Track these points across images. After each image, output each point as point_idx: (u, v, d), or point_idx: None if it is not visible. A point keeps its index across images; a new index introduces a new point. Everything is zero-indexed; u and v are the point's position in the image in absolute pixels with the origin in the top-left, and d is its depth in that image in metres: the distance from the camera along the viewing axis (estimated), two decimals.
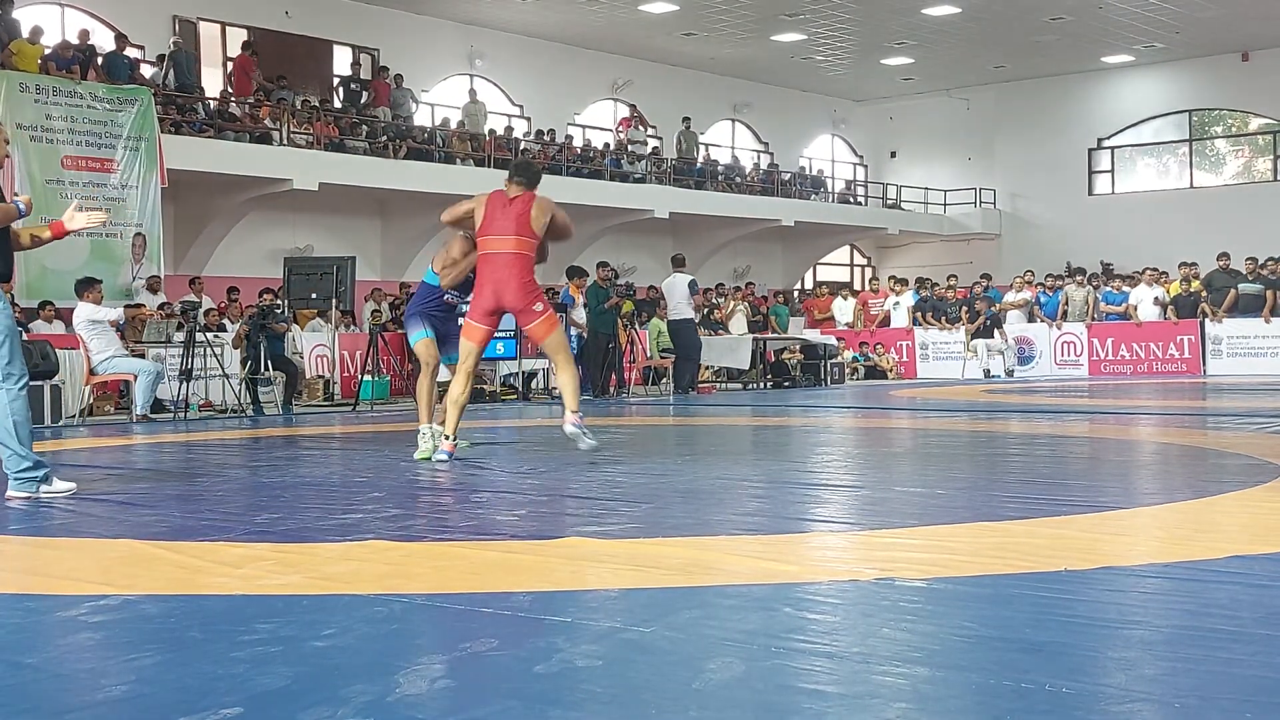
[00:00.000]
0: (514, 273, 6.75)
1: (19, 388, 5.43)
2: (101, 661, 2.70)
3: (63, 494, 5.47)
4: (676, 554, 3.82)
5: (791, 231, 27.54)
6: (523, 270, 6.78)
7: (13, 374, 5.41)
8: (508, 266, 6.75)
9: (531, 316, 6.83)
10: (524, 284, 6.77)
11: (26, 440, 5.44)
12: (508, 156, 21.73)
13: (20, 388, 5.44)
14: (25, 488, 5.41)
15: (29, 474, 5.42)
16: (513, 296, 6.76)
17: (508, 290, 6.75)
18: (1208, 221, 26.15)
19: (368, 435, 9.63)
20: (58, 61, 15.50)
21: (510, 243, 6.76)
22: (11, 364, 5.43)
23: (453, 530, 4.49)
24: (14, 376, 5.42)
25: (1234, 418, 9.67)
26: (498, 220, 6.79)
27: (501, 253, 6.76)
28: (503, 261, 6.76)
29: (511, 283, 6.74)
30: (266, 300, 13.34)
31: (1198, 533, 4.21)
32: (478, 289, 6.90)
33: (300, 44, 21.11)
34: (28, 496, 5.39)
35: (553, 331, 6.92)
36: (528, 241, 6.79)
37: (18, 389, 5.42)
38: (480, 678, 2.50)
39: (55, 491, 5.46)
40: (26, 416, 5.48)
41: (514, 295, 6.76)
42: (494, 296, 6.79)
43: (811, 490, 5.61)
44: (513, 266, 6.75)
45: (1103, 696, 2.31)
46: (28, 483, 5.42)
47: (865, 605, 3.11)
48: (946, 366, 20.46)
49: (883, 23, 24.23)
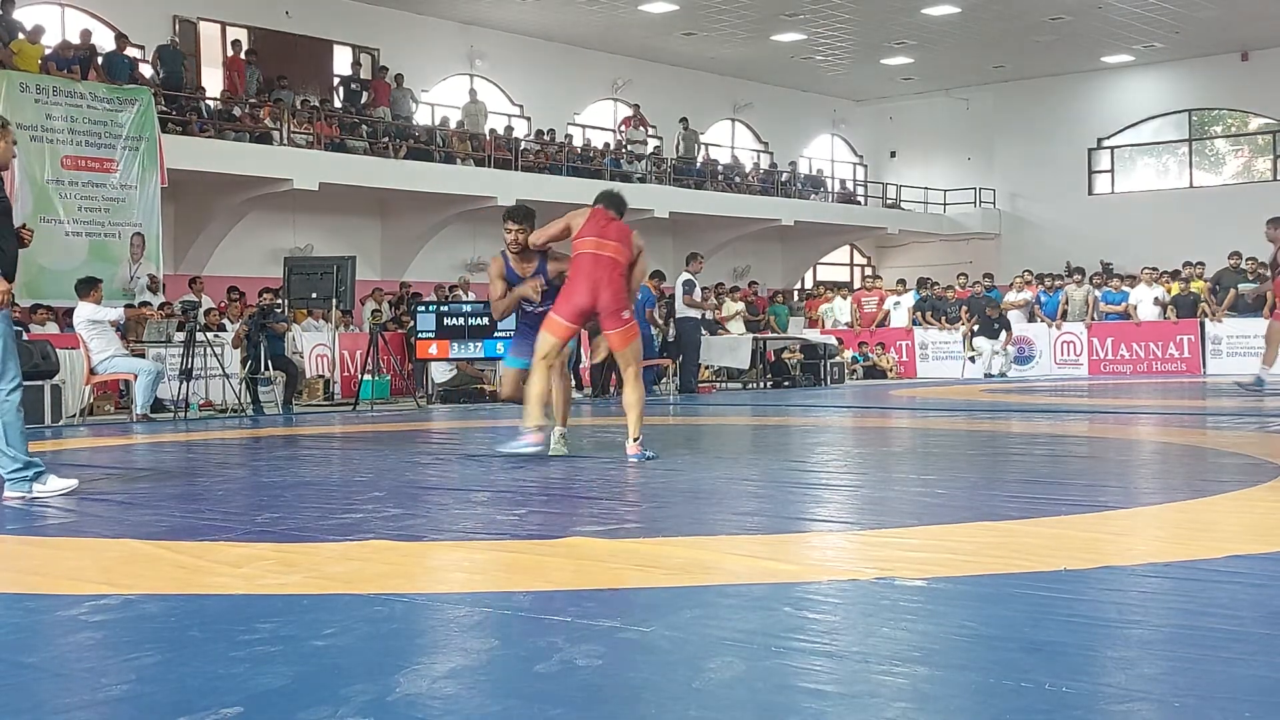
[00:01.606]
0: (614, 275, 6.81)
1: (8, 390, 5.43)
2: (102, 661, 2.71)
3: (59, 492, 5.47)
4: (676, 554, 3.82)
5: (791, 231, 27.55)
6: (621, 275, 6.85)
7: (4, 376, 5.43)
8: (609, 268, 6.81)
9: (618, 322, 6.85)
10: (620, 289, 6.83)
11: (15, 442, 5.46)
12: (508, 156, 21.77)
13: (10, 391, 5.45)
14: (18, 488, 5.45)
15: (19, 475, 5.46)
16: (608, 297, 6.78)
17: (605, 290, 6.77)
18: (1208, 221, 26.13)
19: (368, 435, 9.63)
20: (58, 61, 15.50)
21: (613, 248, 6.84)
22: (5, 367, 5.44)
23: (453, 530, 4.49)
24: (5, 378, 5.43)
25: (1234, 417, 9.67)
26: (601, 230, 6.87)
27: (603, 255, 6.81)
28: (605, 262, 6.80)
29: (610, 285, 6.78)
30: (267, 300, 13.34)
31: (1197, 533, 4.21)
32: (571, 286, 6.87)
33: (300, 44, 21.11)
34: (21, 496, 5.41)
35: (630, 342, 6.92)
36: (627, 254, 6.88)
37: (6, 393, 5.43)
38: (480, 677, 2.50)
39: (50, 490, 5.45)
40: (17, 418, 5.49)
41: (609, 296, 6.78)
42: (589, 294, 6.78)
43: (811, 490, 5.61)
44: (614, 269, 6.82)
45: (1102, 696, 2.32)
46: (19, 483, 5.45)
47: (865, 605, 3.11)
48: (946, 366, 20.46)
49: (883, 23, 24.23)
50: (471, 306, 14.57)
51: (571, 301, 6.84)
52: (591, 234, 6.87)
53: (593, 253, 6.83)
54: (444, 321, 14.18)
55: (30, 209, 14.20)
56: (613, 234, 6.89)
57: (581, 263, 6.86)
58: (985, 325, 19.94)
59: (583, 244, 6.88)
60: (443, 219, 21.39)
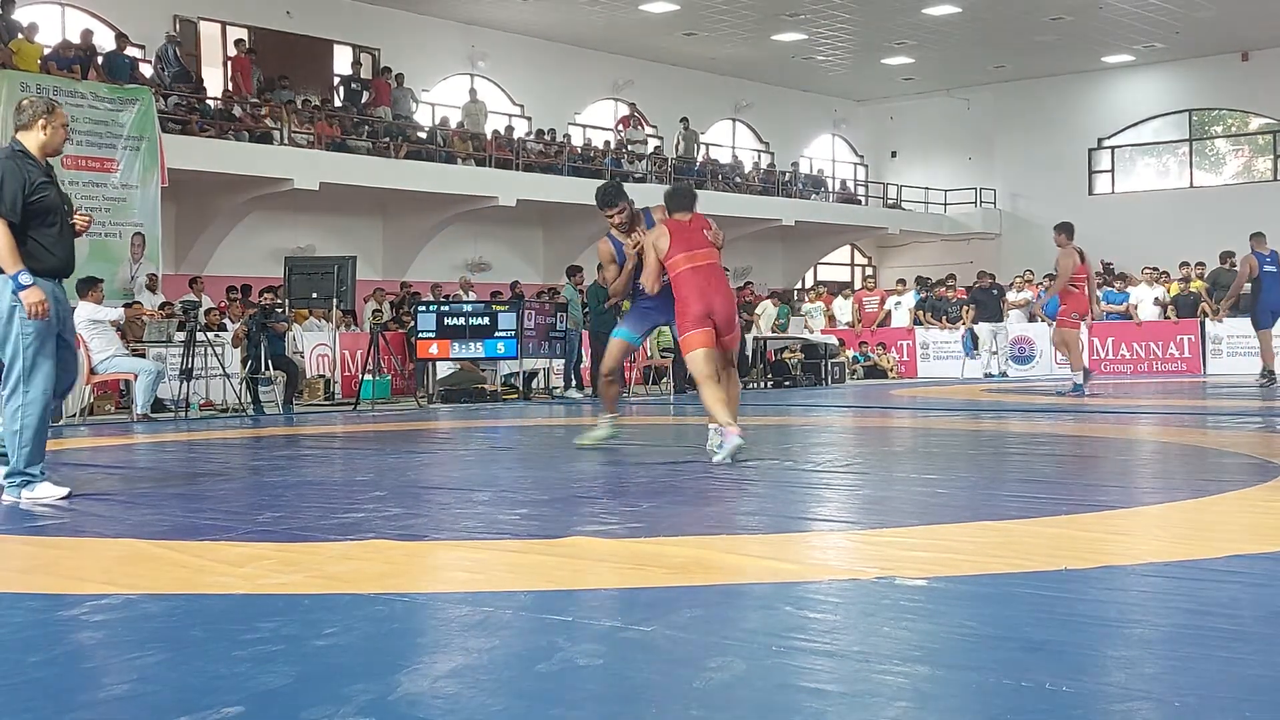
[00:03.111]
0: (724, 281, 6.84)
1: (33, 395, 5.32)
2: (103, 660, 2.71)
3: (47, 499, 5.29)
4: (677, 553, 3.82)
5: (792, 231, 27.56)
6: (724, 278, 6.86)
7: (33, 381, 5.32)
8: (718, 275, 6.79)
9: (734, 329, 6.86)
10: (730, 294, 6.87)
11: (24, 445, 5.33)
12: (508, 156, 21.77)
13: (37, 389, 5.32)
14: (10, 492, 5.37)
15: (10, 478, 5.36)
16: (724, 302, 6.76)
17: (719, 296, 6.74)
18: (1208, 221, 26.12)
19: (369, 435, 9.63)
20: (58, 61, 15.50)
21: (703, 254, 6.78)
22: (35, 371, 5.31)
23: (454, 529, 4.50)
24: (35, 385, 5.32)
25: (1234, 418, 9.67)
26: (689, 239, 6.79)
27: (709, 263, 6.76)
28: (713, 271, 6.76)
29: (721, 292, 6.77)
30: (267, 300, 13.34)
31: (1198, 532, 4.21)
32: (685, 302, 6.75)
33: (301, 44, 21.11)
34: (12, 500, 5.32)
35: (737, 344, 7.04)
36: (715, 252, 6.84)
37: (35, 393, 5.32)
38: (481, 677, 2.51)
39: (36, 497, 5.30)
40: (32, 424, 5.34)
41: (721, 302, 6.75)
42: (703, 303, 6.70)
43: (812, 489, 5.61)
44: (722, 276, 6.83)
45: (1103, 695, 2.32)
46: (10, 489, 5.37)
47: (866, 604, 3.12)
48: (947, 366, 20.46)
49: (883, 23, 24.23)
50: (472, 306, 14.59)
51: (691, 314, 6.73)
52: (680, 250, 6.77)
53: (697, 265, 6.75)
54: (445, 321, 14.19)
55: None
56: (698, 240, 6.80)
57: (688, 278, 6.74)
58: (986, 305, 19.87)
59: (676, 263, 6.77)
60: (443, 219, 21.40)
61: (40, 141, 5.40)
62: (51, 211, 5.36)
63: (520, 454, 7.93)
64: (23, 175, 5.26)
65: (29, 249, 5.28)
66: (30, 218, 5.27)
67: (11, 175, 5.23)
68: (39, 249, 5.31)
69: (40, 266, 5.30)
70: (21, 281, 5.21)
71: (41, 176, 5.35)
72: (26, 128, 5.40)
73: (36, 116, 5.40)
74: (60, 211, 5.42)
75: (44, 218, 5.33)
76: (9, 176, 5.22)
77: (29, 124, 5.40)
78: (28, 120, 5.40)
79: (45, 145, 5.43)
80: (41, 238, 5.32)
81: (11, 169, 5.25)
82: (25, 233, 5.27)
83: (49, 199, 5.35)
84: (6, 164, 5.28)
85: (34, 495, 5.32)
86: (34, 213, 5.28)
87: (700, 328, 6.72)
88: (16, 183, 5.23)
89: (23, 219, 5.24)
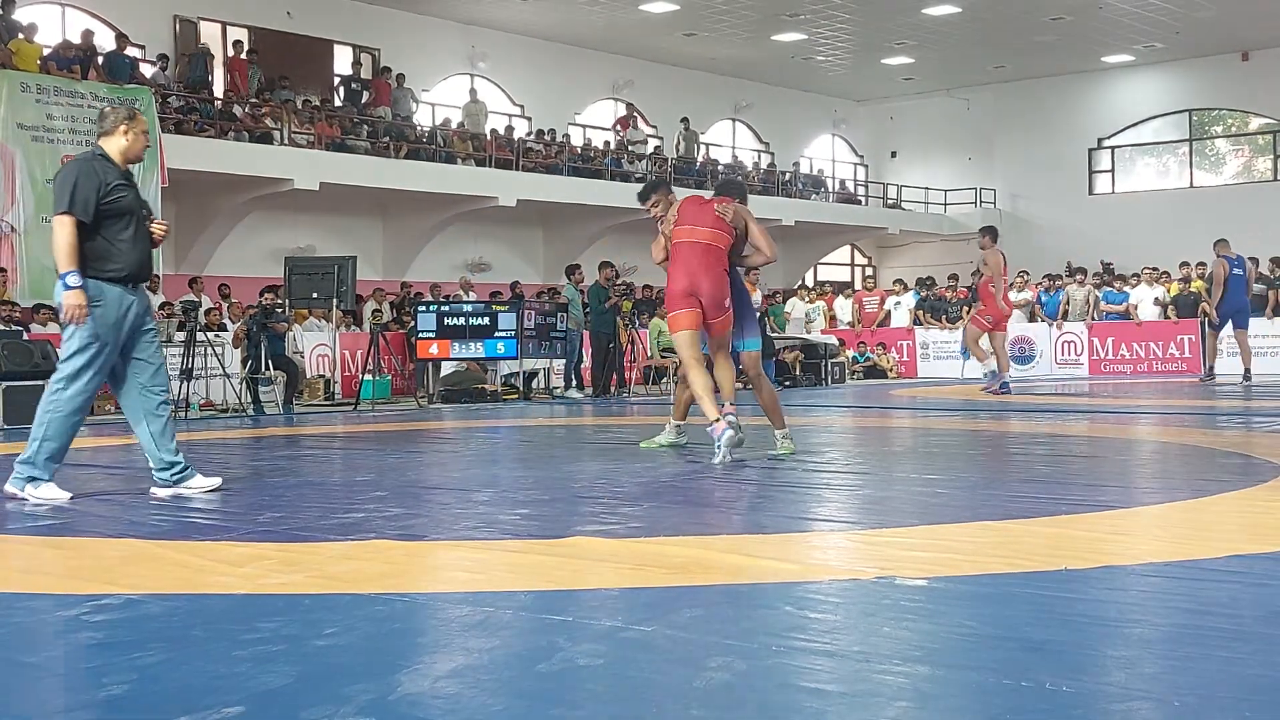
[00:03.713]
0: (709, 261, 6.65)
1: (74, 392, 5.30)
2: (104, 660, 2.71)
3: (50, 501, 5.26)
4: (677, 553, 3.82)
5: (792, 231, 27.54)
6: (718, 264, 6.67)
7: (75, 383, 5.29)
8: (714, 256, 6.68)
9: (720, 312, 6.71)
10: (718, 278, 6.66)
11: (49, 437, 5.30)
12: (508, 156, 21.77)
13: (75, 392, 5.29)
14: (14, 483, 5.36)
15: (20, 469, 5.35)
16: (711, 283, 6.63)
17: (707, 277, 6.63)
18: (1208, 221, 26.08)
19: (369, 435, 9.63)
20: (58, 61, 15.51)
21: (705, 234, 6.70)
22: (85, 370, 5.30)
23: (454, 529, 4.50)
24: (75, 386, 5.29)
25: (1234, 417, 9.67)
26: (696, 216, 6.77)
27: (705, 243, 6.69)
28: (709, 251, 6.68)
29: (709, 273, 6.63)
30: (268, 300, 13.34)
31: (1197, 532, 4.21)
32: (671, 278, 6.76)
33: (301, 44, 21.11)
34: (13, 494, 5.32)
35: (728, 329, 6.82)
36: (720, 235, 6.70)
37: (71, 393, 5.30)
38: (481, 677, 2.51)
39: (40, 496, 5.29)
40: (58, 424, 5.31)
41: (711, 283, 6.63)
42: (688, 280, 6.64)
43: (812, 489, 5.61)
44: (718, 258, 6.69)
45: (1103, 695, 2.32)
46: (15, 479, 5.36)
47: (866, 604, 3.12)
48: (947, 366, 20.47)
49: (883, 23, 24.23)
50: (472, 306, 14.59)
51: (673, 292, 6.70)
52: (684, 223, 6.76)
53: (685, 241, 6.71)
54: (445, 321, 14.19)
55: (32, 209, 14.20)
56: (704, 218, 6.74)
57: (675, 253, 6.75)
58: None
59: (677, 236, 6.77)
60: (444, 219, 21.41)
61: (121, 147, 5.50)
62: (127, 214, 5.43)
63: (520, 454, 7.93)
64: (99, 177, 5.35)
65: (101, 250, 5.34)
66: (104, 219, 5.34)
67: (87, 176, 5.33)
68: (112, 251, 5.36)
69: (113, 268, 5.36)
70: (69, 282, 5.25)
71: (119, 179, 5.43)
72: (109, 134, 5.50)
73: (118, 123, 5.50)
74: (137, 215, 5.49)
75: (119, 220, 5.39)
76: (84, 178, 5.33)
77: (110, 130, 5.50)
78: (110, 126, 5.50)
79: (126, 151, 5.53)
80: (115, 240, 5.38)
81: (88, 170, 5.36)
82: (99, 234, 5.34)
83: (125, 201, 5.42)
84: (84, 165, 5.39)
85: (38, 494, 5.32)
86: (108, 215, 5.35)
87: (685, 307, 6.66)
88: (91, 184, 5.32)
89: (97, 220, 5.32)
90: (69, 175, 5.35)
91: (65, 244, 5.26)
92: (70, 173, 5.37)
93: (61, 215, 5.28)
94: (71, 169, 5.40)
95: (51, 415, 5.35)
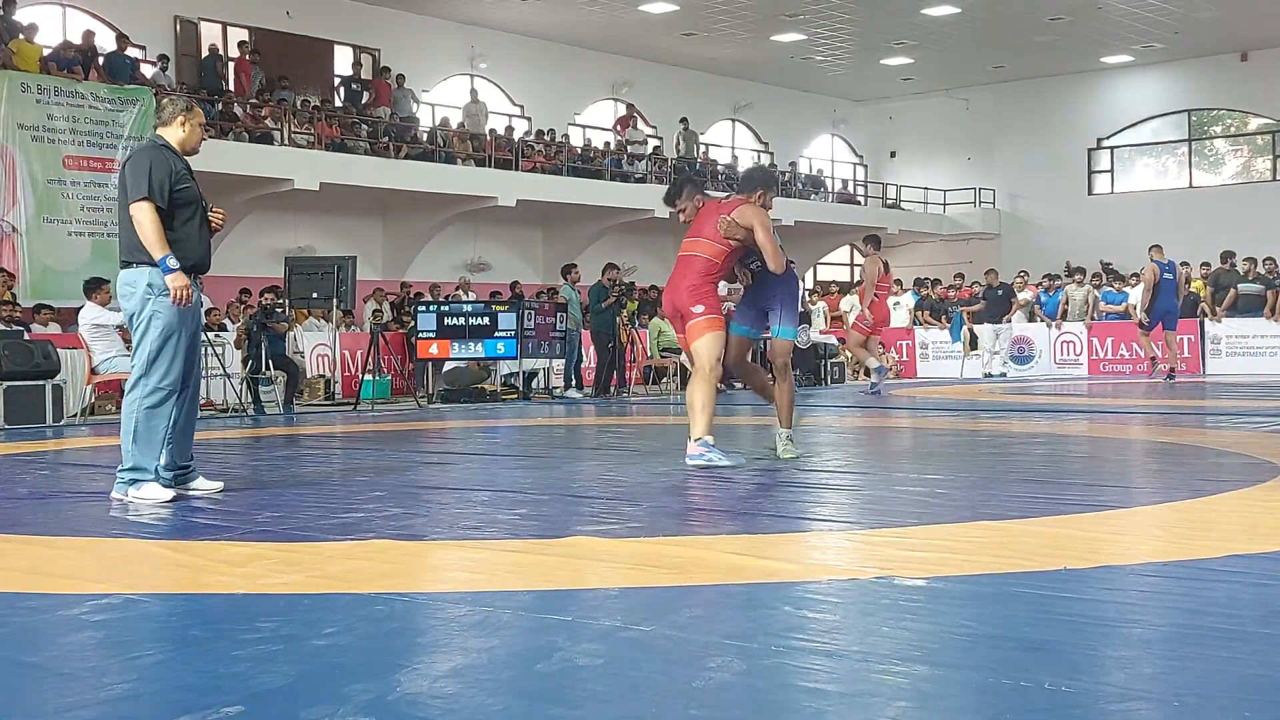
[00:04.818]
0: (687, 271, 6.63)
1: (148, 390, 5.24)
2: (104, 660, 2.71)
3: (153, 500, 5.19)
4: (677, 553, 3.83)
5: (792, 231, 27.51)
6: (694, 272, 6.61)
7: (153, 375, 5.25)
8: (684, 265, 6.68)
9: (689, 317, 6.63)
10: (691, 286, 6.60)
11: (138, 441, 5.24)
12: (508, 156, 21.78)
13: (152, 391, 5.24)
14: (118, 489, 5.31)
15: (122, 474, 5.30)
16: (679, 296, 6.64)
17: (677, 291, 6.65)
18: (1207, 221, 26.14)
19: (369, 435, 9.64)
20: (59, 61, 15.51)
21: (691, 244, 6.70)
22: (156, 366, 5.24)
23: (454, 529, 4.50)
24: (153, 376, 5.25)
25: (1234, 417, 9.67)
26: (696, 224, 6.74)
27: (689, 253, 6.70)
28: (685, 262, 6.70)
29: (684, 280, 6.63)
30: (268, 300, 13.34)
31: (1197, 532, 4.21)
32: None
33: (301, 44, 21.11)
34: (119, 499, 5.25)
35: (701, 336, 6.54)
36: (708, 245, 6.62)
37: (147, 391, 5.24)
38: (481, 676, 2.51)
39: (143, 498, 5.21)
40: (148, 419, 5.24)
41: (680, 295, 6.64)
42: (670, 292, 6.73)
43: (811, 489, 5.61)
44: (688, 266, 6.66)
45: (1102, 695, 2.32)
46: (119, 484, 5.31)
47: (865, 604, 3.12)
48: (946, 366, 20.47)
49: (883, 23, 24.23)
50: (472, 306, 14.59)
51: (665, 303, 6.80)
52: (690, 232, 6.76)
53: (683, 254, 6.72)
54: (445, 321, 14.20)
55: (33, 209, 14.21)
56: (698, 227, 6.69)
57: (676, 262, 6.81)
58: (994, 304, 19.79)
59: (683, 244, 6.79)
60: (444, 219, 21.41)
61: (180, 138, 5.47)
62: (192, 204, 5.40)
63: (520, 454, 7.93)
64: (169, 164, 5.31)
65: (170, 239, 5.27)
66: (173, 208, 5.30)
67: (159, 163, 5.28)
68: (180, 240, 5.32)
69: (181, 258, 5.29)
70: (169, 265, 5.20)
71: (184, 168, 5.40)
72: (167, 124, 5.47)
73: (176, 114, 5.48)
74: (200, 206, 5.45)
75: (185, 210, 5.36)
76: (156, 164, 5.27)
77: (169, 120, 5.47)
78: (168, 117, 5.48)
79: (185, 142, 5.49)
80: (181, 231, 5.34)
81: (159, 157, 5.31)
82: (168, 223, 5.28)
83: (191, 191, 5.39)
84: (154, 152, 5.33)
85: (140, 495, 5.23)
86: (177, 204, 5.32)
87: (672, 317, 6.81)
88: (164, 170, 5.27)
89: (168, 209, 5.27)
90: (142, 161, 5.27)
91: (152, 229, 5.19)
92: (144, 159, 5.28)
93: (141, 202, 5.19)
94: (144, 155, 5.32)
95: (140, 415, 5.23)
